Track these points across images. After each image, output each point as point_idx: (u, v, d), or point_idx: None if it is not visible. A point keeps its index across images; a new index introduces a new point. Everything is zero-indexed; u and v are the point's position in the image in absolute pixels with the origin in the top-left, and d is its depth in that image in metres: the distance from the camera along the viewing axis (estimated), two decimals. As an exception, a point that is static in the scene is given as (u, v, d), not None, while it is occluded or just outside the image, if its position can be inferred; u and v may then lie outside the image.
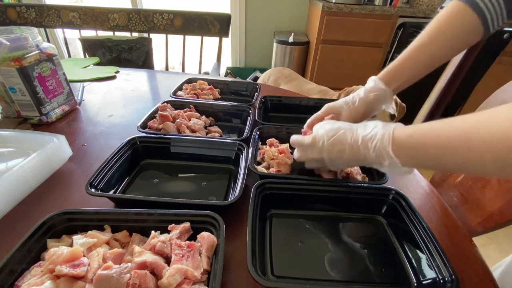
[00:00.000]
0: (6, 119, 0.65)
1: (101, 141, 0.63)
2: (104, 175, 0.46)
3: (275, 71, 1.54)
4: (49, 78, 0.65)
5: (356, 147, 0.38)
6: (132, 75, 1.02)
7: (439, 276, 0.33)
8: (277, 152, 0.53)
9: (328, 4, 1.75)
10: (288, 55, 2.09)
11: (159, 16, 1.26)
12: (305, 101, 0.77)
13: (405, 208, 0.42)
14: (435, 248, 0.35)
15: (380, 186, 0.46)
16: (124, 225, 0.37)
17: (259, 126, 0.60)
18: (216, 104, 0.71)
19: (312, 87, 1.38)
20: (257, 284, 0.30)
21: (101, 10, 1.26)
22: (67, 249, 0.31)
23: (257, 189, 0.42)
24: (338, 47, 1.90)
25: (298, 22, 2.28)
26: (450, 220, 0.47)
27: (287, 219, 0.45)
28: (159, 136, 0.57)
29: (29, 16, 1.26)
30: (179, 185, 0.51)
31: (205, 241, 0.34)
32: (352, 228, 0.44)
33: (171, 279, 0.29)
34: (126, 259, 0.33)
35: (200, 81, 0.84)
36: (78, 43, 1.31)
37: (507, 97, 0.59)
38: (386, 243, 0.41)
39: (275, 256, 0.38)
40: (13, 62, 0.57)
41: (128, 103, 0.81)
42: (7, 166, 0.48)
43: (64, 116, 0.72)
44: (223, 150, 0.55)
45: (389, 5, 1.83)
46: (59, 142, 0.51)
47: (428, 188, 0.53)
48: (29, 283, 0.29)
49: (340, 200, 0.45)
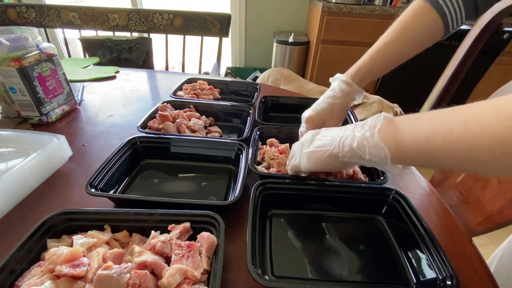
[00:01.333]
0: (6, 119, 0.65)
1: (101, 141, 0.63)
2: (104, 175, 0.46)
3: (274, 72, 1.54)
4: (49, 78, 0.65)
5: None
6: (132, 75, 1.02)
7: (439, 276, 0.33)
8: (277, 152, 0.53)
9: (328, 4, 1.75)
10: (288, 55, 2.09)
11: (159, 16, 1.26)
12: (305, 101, 0.77)
13: (405, 208, 0.42)
14: (435, 248, 0.35)
15: (380, 186, 0.46)
16: (124, 225, 0.37)
17: (259, 126, 0.60)
18: (216, 104, 0.71)
19: (312, 88, 1.38)
20: (257, 284, 0.30)
21: (101, 10, 1.26)
22: (67, 249, 0.31)
23: (257, 189, 0.42)
24: (338, 47, 1.90)
25: (298, 22, 2.27)
26: (450, 220, 0.47)
27: (287, 219, 0.45)
28: (159, 136, 0.57)
29: (29, 16, 1.26)
30: (179, 185, 0.51)
31: (205, 241, 0.34)
32: (352, 228, 0.44)
33: (171, 279, 0.29)
34: (126, 259, 0.33)
35: (200, 81, 0.84)
36: (78, 43, 1.31)
37: (507, 97, 0.59)
38: (386, 243, 0.41)
39: (275, 256, 0.38)
40: (13, 62, 0.57)
41: (128, 103, 0.81)
42: (7, 166, 0.48)
43: (64, 116, 0.72)
44: (223, 150, 0.55)
45: (389, 5, 1.83)
46: (59, 142, 0.51)
47: (428, 188, 0.53)
48: (29, 283, 0.29)
49: (340, 200, 0.45)
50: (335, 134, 0.39)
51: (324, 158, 0.39)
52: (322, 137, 0.41)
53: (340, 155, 0.37)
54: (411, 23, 0.45)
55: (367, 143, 0.33)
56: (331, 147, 0.38)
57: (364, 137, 0.33)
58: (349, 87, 0.49)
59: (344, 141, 0.36)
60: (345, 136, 0.37)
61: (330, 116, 0.50)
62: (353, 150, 0.35)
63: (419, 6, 0.45)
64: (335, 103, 0.50)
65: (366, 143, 0.33)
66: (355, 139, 0.34)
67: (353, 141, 0.35)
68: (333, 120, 0.51)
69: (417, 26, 0.45)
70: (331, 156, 0.38)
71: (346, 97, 0.49)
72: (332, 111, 0.50)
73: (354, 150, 0.35)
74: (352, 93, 0.50)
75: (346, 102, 0.50)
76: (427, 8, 0.43)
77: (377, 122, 0.32)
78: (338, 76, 0.51)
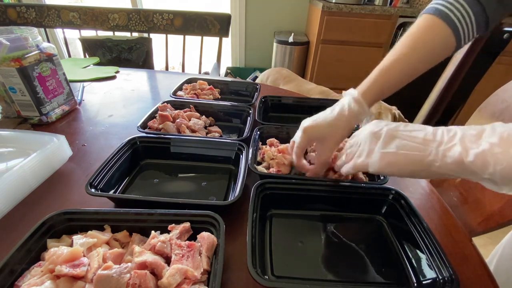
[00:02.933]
0: (6, 119, 0.65)
1: (101, 141, 0.63)
2: (104, 175, 0.46)
3: (273, 72, 1.54)
4: (49, 78, 0.65)
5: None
6: (132, 75, 1.02)
7: (439, 276, 0.33)
8: (277, 152, 0.53)
9: (328, 4, 1.75)
10: (288, 55, 2.09)
11: (159, 16, 1.26)
12: (305, 101, 0.77)
13: (405, 208, 0.42)
14: (435, 248, 0.35)
15: (380, 186, 0.46)
16: (124, 225, 0.37)
17: (259, 126, 0.60)
18: (216, 104, 0.71)
19: (312, 88, 1.38)
20: (257, 284, 0.30)
21: (101, 10, 1.26)
22: (67, 249, 0.31)
23: (257, 189, 0.42)
24: (338, 47, 1.90)
25: (298, 22, 2.28)
26: (450, 220, 0.47)
27: (287, 219, 0.45)
28: (159, 136, 0.57)
29: (29, 16, 1.26)
30: (179, 185, 0.51)
31: (205, 241, 0.34)
32: (352, 228, 0.44)
33: (171, 279, 0.29)
34: (126, 259, 0.33)
35: (200, 81, 0.84)
36: (78, 43, 1.31)
37: (508, 96, 0.59)
38: (386, 243, 0.41)
39: (275, 256, 0.38)
40: (13, 62, 0.57)
41: (128, 103, 0.81)
42: (7, 166, 0.48)
43: (64, 116, 0.72)
44: (223, 150, 0.55)
45: (389, 5, 1.84)
46: (59, 142, 0.51)
47: (428, 188, 0.53)
48: (29, 283, 0.29)
49: (340, 200, 0.45)
50: (426, 134, 0.33)
51: (410, 164, 0.33)
52: (409, 138, 0.34)
53: (438, 166, 0.31)
54: (424, 38, 0.43)
55: (494, 161, 0.27)
56: (424, 153, 0.32)
57: (490, 152, 0.27)
58: (360, 108, 0.44)
59: (447, 151, 0.30)
60: (446, 143, 0.31)
61: (330, 133, 0.45)
62: (462, 164, 0.29)
63: (430, 21, 0.43)
64: (340, 122, 0.45)
65: (493, 161, 0.27)
66: (470, 153, 0.28)
67: (466, 153, 0.28)
68: (333, 139, 0.46)
69: (429, 41, 0.43)
70: (422, 164, 0.32)
71: (353, 118, 0.45)
72: (334, 129, 0.45)
73: (465, 165, 0.29)
74: (360, 115, 0.45)
75: (352, 123, 0.45)
76: (439, 23, 0.42)
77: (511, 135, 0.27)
78: (351, 92, 0.46)
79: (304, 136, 0.47)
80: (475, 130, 0.29)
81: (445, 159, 0.30)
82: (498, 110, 0.61)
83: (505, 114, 0.59)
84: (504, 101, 0.60)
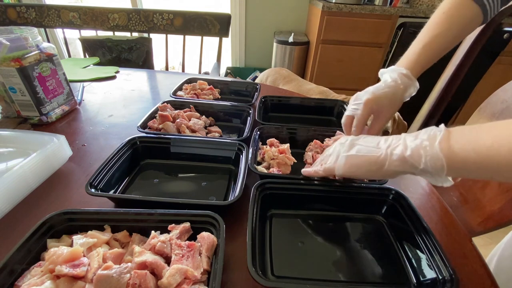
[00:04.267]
0: (6, 119, 0.65)
1: (101, 141, 0.63)
2: (104, 175, 0.46)
3: (272, 72, 1.54)
4: (49, 78, 0.65)
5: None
6: (132, 75, 1.02)
7: (439, 276, 0.33)
8: (277, 152, 0.53)
9: (328, 4, 1.75)
10: (288, 55, 2.09)
11: (159, 16, 1.26)
12: (305, 101, 0.77)
13: (405, 208, 0.42)
14: (435, 248, 0.35)
15: (380, 186, 0.46)
16: (124, 225, 0.37)
17: (259, 126, 0.60)
18: (216, 104, 0.71)
19: (311, 88, 1.38)
20: (257, 284, 0.30)
21: (101, 10, 1.26)
22: (67, 249, 0.31)
23: (257, 189, 0.42)
24: (338, 47, 1.90)
25: (298, 22, 2.28)
26: (450, 220, 0.47)
27: (287, 219, 0.45)
28: (159, 136, 0.57)
29: (29, 16, 1.26)
30: (179, 185, 0.51)
31: (205, 241, 0.34)
32: (352, 228, 0.44)
33: (171, 279, 0.29)
34: (126, 259, 0.33)
35: (200, 81, 0.84)
36: (78, 43, 1.31)
37: (508, 96, 0.59)
38: (386, 243, 0.41)
39: (275, 256, 0.38)
40: (13, 62, 0.57)
41: (128, 103, 0.81)
42: (7, 166, 0.48)
43: (64, 116, 0.72)
44: (223, 150, 0.55)
45: (389, 5, 1.83)
46: (59, 142, 0.51)
47: (428, 188, 0.53)
48: (29, 283, 0.29)
49: (340, 200, 0.45)
50: (379, 142, 0.38)
51: (367, 164, 0.38)
52: (365, 143, 0.40)
53: (387, 163, 0.36)
54: (457, 16, 0.48)
55: (424, 152, 0.32)
56: (377, 153, 0.37)
57: (421, 146, 0.32)
58: (409, 80, 0.48)
59: (393, 150, 0.35)
60: (393, 145, 0.36)
61: (389, 104, 0.48)
62: (404, 159, 0.34)
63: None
64: (396, 96, 0.48)
65: (423, 153, 0.32)
66: (408, 148, 0.33)
67: (405, 149, 0.34)
68: (391, 109, 0.49)
69: (462, 19, 0.48)
70: (376, 163, 0.37)
71: (405, 92, 0.49)
72: (393, 98, 0.48)
73: (406, 159, 0.34)
74: (410, 87, 0.49)
75: (404, 96, 0.49)
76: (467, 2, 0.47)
77: (437, 132, 0.32)
78: (395, 68, 0.49)
79: (365, 109, 0.48)
80: (415, 133, 0.35)
81: (392, 157, 0.35)
82: (498, 110, 0.61)
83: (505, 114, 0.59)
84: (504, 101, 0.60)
